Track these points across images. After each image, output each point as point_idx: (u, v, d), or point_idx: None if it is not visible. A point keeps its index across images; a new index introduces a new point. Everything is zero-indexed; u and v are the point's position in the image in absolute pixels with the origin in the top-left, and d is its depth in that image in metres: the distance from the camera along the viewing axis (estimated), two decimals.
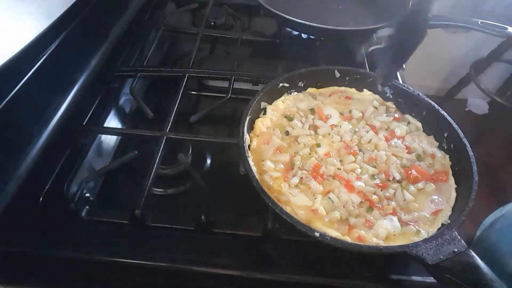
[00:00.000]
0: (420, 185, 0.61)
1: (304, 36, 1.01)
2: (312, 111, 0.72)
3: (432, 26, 0.97)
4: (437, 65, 2.36)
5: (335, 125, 0.70)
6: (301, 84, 0.76)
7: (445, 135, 0.67)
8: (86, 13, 0.74)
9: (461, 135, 0.64)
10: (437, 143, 0.68)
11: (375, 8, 1.05)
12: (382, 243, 0.52)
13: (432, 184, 0.61)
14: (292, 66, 0.78)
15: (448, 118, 0.67)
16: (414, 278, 0.55)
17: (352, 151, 0.65)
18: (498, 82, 2.33)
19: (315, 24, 0.87)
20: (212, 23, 1.07)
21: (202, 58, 0.93)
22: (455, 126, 0.65)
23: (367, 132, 0.69)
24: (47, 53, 0.62)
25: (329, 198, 0.57)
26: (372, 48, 0.93)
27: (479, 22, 0.88)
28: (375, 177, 0.62)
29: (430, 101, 0.70)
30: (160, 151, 0.65)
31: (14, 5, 0.56)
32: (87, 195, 0.64)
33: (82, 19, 0.72)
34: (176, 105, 0.74)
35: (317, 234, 0.49)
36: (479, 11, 1.99)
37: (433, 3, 0.60)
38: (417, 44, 0.61)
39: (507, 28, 0.85)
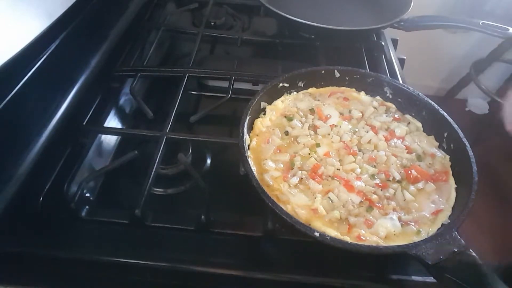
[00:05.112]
0: (420, 185, 0.60)
1: (304, 36, 1.01)
2: (312, 111, 0.72)
3: (433, 27, 0.97)
4: (437, 65, 2.36)
5: (335, 125, 0.69)
6: (301, 84, 0.75)
7: (445, 135, 0.66)
8: (86, 13, 0.74)
9: (461, 135, 0.64)
10: (437, 143, 0.68)
11: (375, 8, 1.05)
12: (382, 243, 0.52)
13: (432, 184, 0.61)
14: (292, 66, 0.78)
15: (448, 118, 0.67)
16: (414, 278, 0.55)
17: (351, 151, 0.65)
18: (498, 82, 2.33)
19: (315, 24, 0.87)
20: (212, 23, 1.07)
21: (202, 58, 0.93)
22: (455, 126, 0.65)
23: (367, 132, 0.68)
24: (47, 53, 0.62)
25: (329, 197, 0.57)
26: None
27: (480, 23, 0.88)
28: (375, 177, 0.61)
29: (430, 101, 0.70)
30: (160, 151, 0.65)
31: (14, 5, 0.56)
32: (87, 195, 0.64)
33: (82, 19, 0.72)
34: (176, 105, 0.74)
35: (316, 234, 0.49)
36: (479, 12, 1.99)
37: None
38: None
39: (509, 29, 0.85)
